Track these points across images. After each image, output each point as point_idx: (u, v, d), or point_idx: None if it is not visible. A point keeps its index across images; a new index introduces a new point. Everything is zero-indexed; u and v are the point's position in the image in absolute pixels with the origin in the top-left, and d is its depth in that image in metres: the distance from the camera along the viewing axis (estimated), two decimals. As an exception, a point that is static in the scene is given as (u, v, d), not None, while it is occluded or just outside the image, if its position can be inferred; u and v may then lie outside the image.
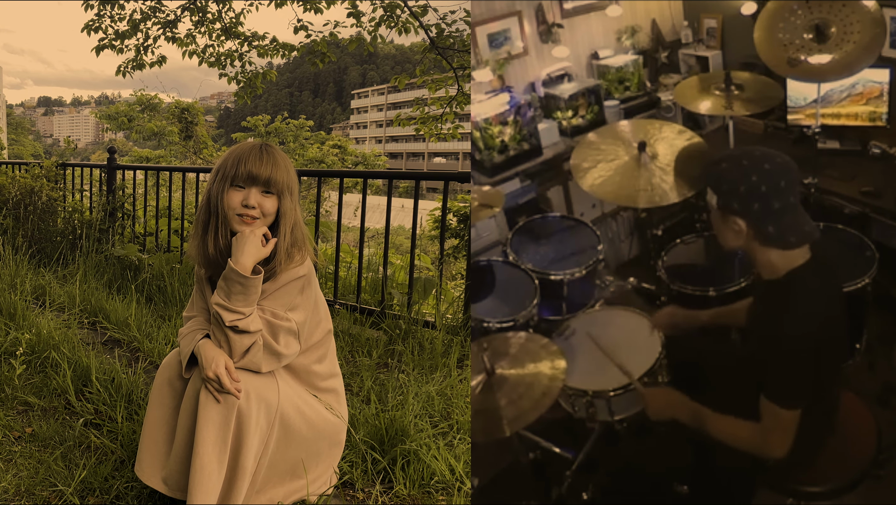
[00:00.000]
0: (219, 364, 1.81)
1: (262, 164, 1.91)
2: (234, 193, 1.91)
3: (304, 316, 1.98)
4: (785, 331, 1.96)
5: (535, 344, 2.48)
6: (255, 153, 1.93)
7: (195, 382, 1.88)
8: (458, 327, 3.49)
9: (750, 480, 2.28)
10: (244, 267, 1.85)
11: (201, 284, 2.06)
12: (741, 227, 2.01)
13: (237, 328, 1.84)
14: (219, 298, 1.86)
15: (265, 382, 1.91)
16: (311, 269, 2.03)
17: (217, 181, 1.94)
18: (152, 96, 27.74)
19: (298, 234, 1.99)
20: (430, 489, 2.19)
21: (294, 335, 1.94)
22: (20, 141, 53.09)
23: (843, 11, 2.99)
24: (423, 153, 59.12)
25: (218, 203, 1.92)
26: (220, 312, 1.85)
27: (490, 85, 4.14)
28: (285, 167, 1.95)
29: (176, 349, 2.02)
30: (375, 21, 7.85)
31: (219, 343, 1.87)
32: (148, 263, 4.74)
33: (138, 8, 8.24)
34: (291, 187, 1.97)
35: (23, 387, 2.84)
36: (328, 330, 2.13)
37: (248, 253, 1.87)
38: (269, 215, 1.93)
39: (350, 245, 5.43)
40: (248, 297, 1.86)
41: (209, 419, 1.81)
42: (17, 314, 3.60)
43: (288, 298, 1.95)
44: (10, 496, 2.11)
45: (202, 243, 1.96)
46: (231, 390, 1.80)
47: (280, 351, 1.91)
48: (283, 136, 33.29)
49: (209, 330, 1.94)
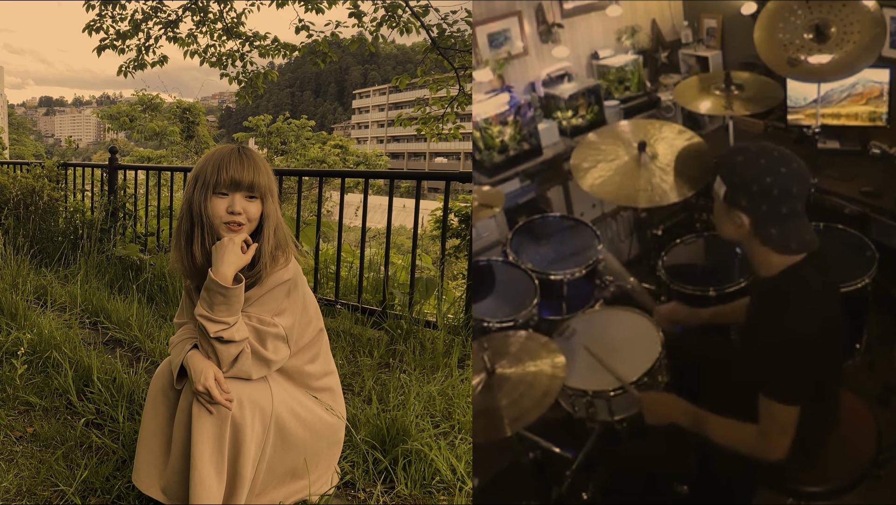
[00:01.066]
0: (208, 377, 1.79)
1: (243, 168, 1.87)
2: (218, 201, 1.87)
3: (292, 320, 1.95)
4: (783, 329, 1.96)
5: (536, 343, 2.48)
6: (235, 158, 1.89)
7: (188, 394, 1.85)
8: (459, 327, 3.50)
9: (750, 480, 2.27)
10: (224, 277, 1.82)
11: (189, 292, 2.03)
12: (744, 222, 2.01)
13: (222, 339, 1.81)
14: (202, 309, 1.83)
15: (258, 388, 1.89)
16: (298, 270, 1.99)
17: (198, 189, 1.89)
18: (154, 96, 27.80)
19: (281, 236, 1.95)
20: (432, 489, 2.19)
21: (282, 340, 1.91)
22: (22, 141, 53.08)
23: (843, 11, 2.99)
24: (425, 153, 59.12)
25: (202, 212, 1.88)
26: (204, 323, 1.81)
27: (490, 85, 4.14)
28: (265, 169, 1.92)
29: (167, 358, 1.99)
30: (377, 21, 7.89)
31: (206, 354, 1.85)
32: (149, 263, 4.74)
33: (139, 8, 8.28)
34: (272, 189, 1.94)
35: (24, 387, 2.84)
36: (319, 329, 2.10)
37: (228, 262, 1.83)
38: (253, 220, 1.90)
39: (351, 245, 5.42)
40: (230, 306, 1.82)
41: (203, 431, 1.79)
42: (18, 314, 3.59)
43: (274, 304, 1.92)
44: (11, 496, 2.11)
45: (187, 254, 1.92)
46: (222, 402, 1.78)
47: (268, 357, 1.88)
48: (285, 136, 33.30)
49: (198, 339, 1.91)
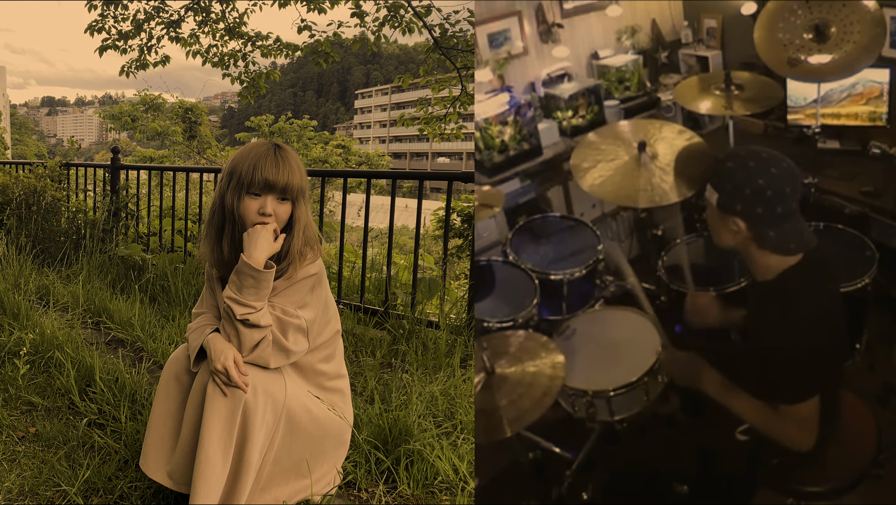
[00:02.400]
0: (227, 357, 1.83)
1: (278, 171, 1.91)
2: (251, 202, 1.92)
3: (314, 314, 2.00)
4: (784, 330, 1.96)
5: (535, 342, 2.47)
6: (272, 159, 1.92)
7: (203, 376, 1.89)
8: (461, 327, 3.50)
9: (750, 480, 2.28)
10: (257, 261, 1.87)
11: (212, 282, 2.07)
12: (740, 227, 2.01)
13: (248, 322, 1.86)
14: (230, 291, 1.88)
15: (272, 378, 1.92)
16: (322, 268, 2.04)
17: (232, 187, 1.94)
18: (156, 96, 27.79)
19: (310, 234, 2.01)
20: (434, 489, 2.20)
21: (303, 333, 1.95)
22: (24, 141, 53.21)
23: (843, 11, 2.98)
24: (427, 153, 59.15)
25: (234, 210, 1.93)
26: (232, 305, 1.86)
27: (490, 85, 4.14)
28: (299, 170, 1.96)
29: (183, 345, 2.04)
30: (379, 21, 7.89)
31: (228, 337, 1.89)
32: (151, 263, 4.75)
33: (142, 8, 8.29)
34: (304, 191, 1.99)
35: (26, 387, 2.86)
36: (336, 331, 2.14)
37: (261, 248, 1.89)
38: (283, 221, 1.96)
39: (354, 245, 5.44)
40: (259, 291, 1.87)
41: (215, 412, 1.82)
42: (20, 314, 3.60)
43: (299, 296, 1.97)
44: (13, 496, 2.12)
45: (217, 247, 1.98)
46: (239, 383, 1.82)
47: (289, 347, 1.92)
48: (287, 136, 33.29)
49: (218, 325, 1.95)
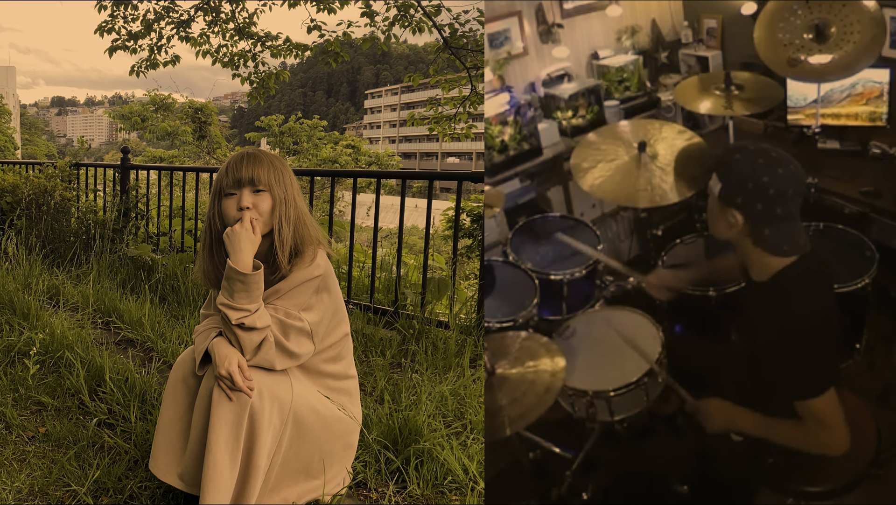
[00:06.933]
0: (231, 362, 1.83)
1: (243, 165, 1.95)
2: (228, 202, 1.95)
3: (319, 316, 1.99)
4: (779, 331, 1.98)
5: (535, 343, 2.48)
6: (238, 159, 1.98)
7: (209, 380, 1.89)
8: (471, 327, 3.48)
9: (750, 480, 2.29)
10: (243, 264, 1.87)
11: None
12: (737, 221, 2.02)
13: (244, 325, 1.86)
14: (223, 298, 1.89)
15: (278, 380, 1.92)
16: (329, 269, 2.03)
17: (213, 198, 2.01)
18: (166, 96, 27.94)
19: (305, 231, 2.00)
20: (444, 489, 2.20)
21: (306, 335, 1.95)
22: (34, 141, 53.42)
23: (843, 11, 2.98)
24: (437, 153, 59.02)
25: (217, 217, 1.97)
26: (226, 311, 1.87)
27: (490, 85, 4.15)
28: (269, 163, 1.98)
29: (190, 347, 2.02)
30: (389, 21, 7.90)
31: (231, 342, 1.89)
32: (161, 263, 4.76)
33: (151, 8, 8.33)
34: (282, 181, 1.98)
35: (36, 387, 2.88)
36: (345, 333, 2.14)
37: (243, 248, 1.89)
38: (264, 213, 1.95)
39: (363, 245, 5.43)
40: (250, 293, 1.87)
41: (222, 417, 1.82)
42: (30, 314, 3.63)
43: (302, 298, 1.96)
44: (23, 496, 2.14)
45: (211, 265, 2.01)
46: (243, 389, 1.82)
47: (291, 350, 1.92)
48: (297, 136, 33.37)
49: (222, 328, 1.96)
